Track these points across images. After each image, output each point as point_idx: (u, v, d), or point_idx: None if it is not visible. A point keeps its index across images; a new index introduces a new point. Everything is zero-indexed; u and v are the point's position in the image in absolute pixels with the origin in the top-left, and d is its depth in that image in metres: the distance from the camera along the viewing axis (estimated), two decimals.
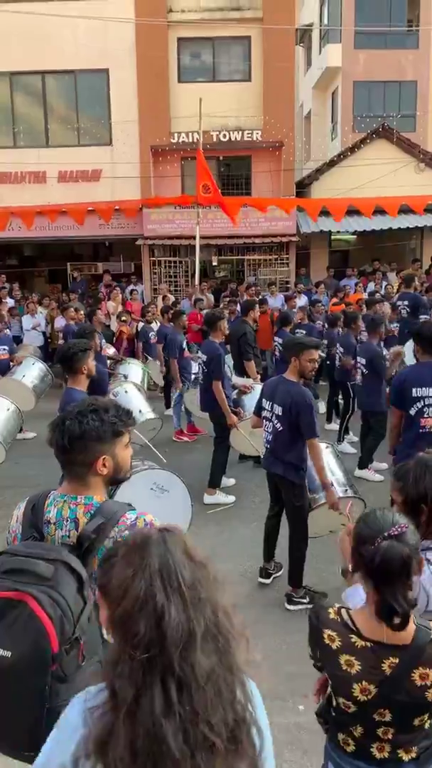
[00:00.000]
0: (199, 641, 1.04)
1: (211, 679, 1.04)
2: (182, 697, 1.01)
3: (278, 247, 15.36)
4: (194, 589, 1.07)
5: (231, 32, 15.00)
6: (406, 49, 19.04)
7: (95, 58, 14.67)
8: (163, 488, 4.11)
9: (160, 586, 1.05)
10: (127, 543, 1.17)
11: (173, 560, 1.08)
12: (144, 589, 1.05)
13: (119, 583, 1.09)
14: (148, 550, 1.10)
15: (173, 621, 1.03)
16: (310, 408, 3.96)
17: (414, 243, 17.34)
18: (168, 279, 15.29)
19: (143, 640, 1.02)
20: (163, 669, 1.02)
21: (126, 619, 1.05)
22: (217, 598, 1.10)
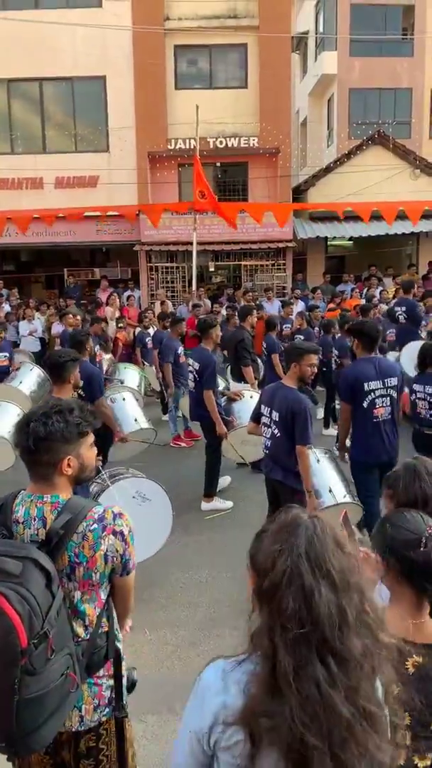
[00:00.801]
0: (353, 623, 1.10)
1: (366, 657, 1.11)
2: (342, 673, 1.08)
3: (275, 253, 15.42)
4: (343, 575, 1.12)
5: (227, 40, 15.11)
6: (401, 56, 19.19)
7: (93, 65, 14.75)
8: (145, 497, 4.12)
9: (308, 567, 1.10)
10: (278, 520, 1.22)
11: (322, 545, 1.13)
12: (290, 566, 1.11)
13: (266, 556, 1.15)
14: (297, 531, 1.15)
15: (323, 601, 1.08)
16: (305, 414, 3.97)
17: (410, 249, 17.44)
18: (165, 285, 15.32)
19: (294, 617, 1.08)
20: (321, 646, 1.08)
21: (274, 593, 1.11)
22: (363, 586, 1.15)
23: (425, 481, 1.97)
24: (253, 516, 5.41)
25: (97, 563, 1.87)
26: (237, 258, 15.62)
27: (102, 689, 1.94)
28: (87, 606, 1.90)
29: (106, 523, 1.90)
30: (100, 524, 1.89)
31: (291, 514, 1.21)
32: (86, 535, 1.87)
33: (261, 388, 5.97)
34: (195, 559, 4.86)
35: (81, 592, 1.89)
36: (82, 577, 1.88)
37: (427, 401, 4.83)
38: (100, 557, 1.87)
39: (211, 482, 5.88)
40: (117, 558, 1.91)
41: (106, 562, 1.89)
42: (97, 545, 1.87)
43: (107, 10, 14.52)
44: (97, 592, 1.92)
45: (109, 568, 1.91)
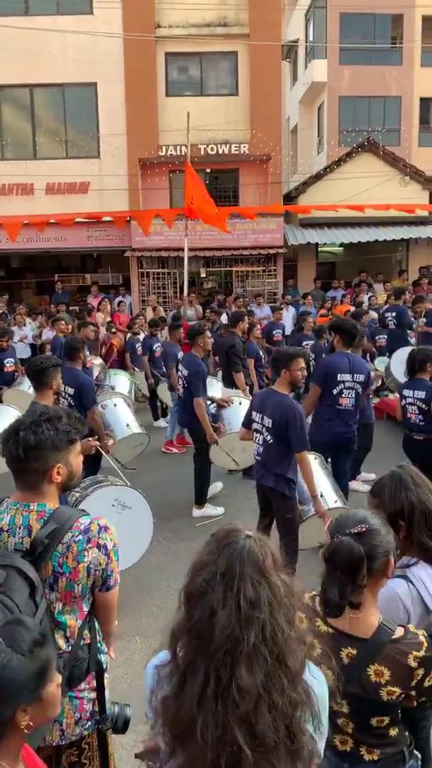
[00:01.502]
0: (244, 655, 1.09)
1: (251, 694, 1.08)
2: (218, 698, 1.07)
3: (266, 259, 15.47)
4: (252, 606, 1.11)
5: (218, 47, 15.20)
6: (390, 65, 19.38)
7: (84, 71, 14.78)
8: (125, 505, 4.06)
9: (221, 586, 1.12)
10: (222, 533, 1.23)
11: (241, 569, 1.14)
12: (207, 580, 1.14)
13: (195, 564, 1.19)
14: (225, 550, 1.17)
15: (221, 623, 1.09)
16: (300, 420, 3.98)
17: (400, 255, 17.57)
18: (156, 290, 15.32)
19: (196, 626, 1.12)
20: (208, 661, 1.10)
21: (189, 600, 1.16)
22: (276, 625, 1.12)
23: (411, 490, 1.97)
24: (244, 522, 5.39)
25: (79, 575, 1.86)
26: (228, 264, 15.66)
27: (83, 702, 1.91)
28: (68, 617, 1.88)
29: (91, 535, 1.88)
30: (85, 536, 1.88)
31: (229, 528, 1.22)
32: (71, 546, 1.85)
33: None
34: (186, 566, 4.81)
35: (62, 603, 1.87)
36: (65, 588, 1.86)
37: (416, 406, 4.86)
38: (83, 569, 1.86)
39: (201, 489, 5.87)
40: (99, 571, 1.89)
41: (88, 575, 1.87)
42: (80, 557, 1.85)
43: (98, 17, 14.58)
44: (79, 604, 1.90)
45: (91, 581, 1.89)
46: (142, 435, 6.13)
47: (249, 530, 1.22)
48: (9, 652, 1.29)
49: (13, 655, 1.30)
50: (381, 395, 8.97)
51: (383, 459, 6.70)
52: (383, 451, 6.92)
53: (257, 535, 1.22)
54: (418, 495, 1.97)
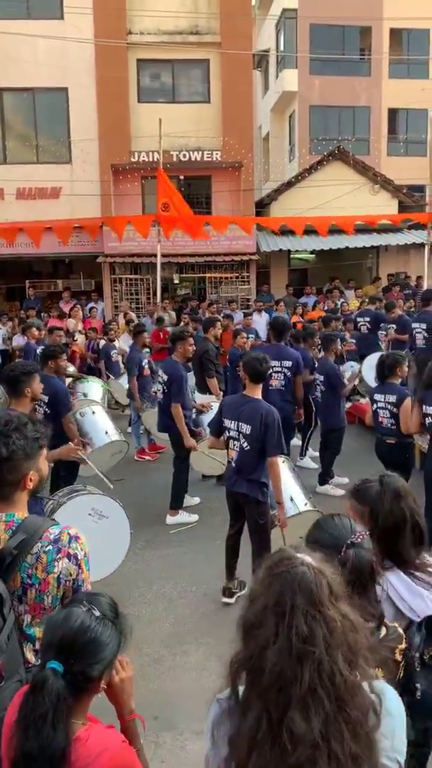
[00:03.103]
0: (297, 698, 1.00)
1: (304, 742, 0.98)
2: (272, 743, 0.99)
3: (239, 266, 15.55)
4: (307, 644, 1.02)
5: (190, 55, 15.28)
6: (360, 76, 19.77)
7: (54, 76, 14.68)
8: (102, 514, 4.02)
9: (271, 620, 1.04)
10: (275, 559, 1.14)
11: (293, 603, 1.04)
12: (256, 613, 1.07)
13: (250, 594, 1.12)
14: (276, 580, 1.07)
15: (271, 659, 1.02)
16: (278, 425, 3.99)
17: (370, 262, 17.85)
18: (129, 297, 15.25)
19: (250, 660, 1.06)
20: (261, 701, 1.02)
21: (242, 630, 1.10)
22: (339, 661, 1.03)
23: (403, 501, 1.94)
24: (218, 529, 5.36)
25: (49, 586, 1.82)
26: (201, 270, 15.69)
27: None
28: (37, 630, 1.84)
29: (61, 545, 1.86)
30: (55, 546, 1.84)
31: (282, 556, 1.12)
32: (40, 557, 1.82)
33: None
34: (160, 574, 4.79)
35: (31, 615, 1.84)
36: (34, 600, 1.82)
37: (387, 410, 4.92)
38: (53, 580, 1.82)
39: (177, 495, 5.83)
40: (69, 582, 1.86)
41: (58, 585, 1.84)
42: (50, 567, 1.82)
43: (69, 22, 14.50)
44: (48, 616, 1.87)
45: (62, 591, 1.86)
46: (121, 442, 6.07)
47: (305, 557, 1.12)
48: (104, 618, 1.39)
49: (107, 621, 1.39)
50: (353, 399, 9.07)
51: (355, 462, 6.78)
52: (355, 455, 7.00)
53: (314, 563, 1.11)
54: (411, 507, 1.94)
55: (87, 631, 1.34)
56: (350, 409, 8.52)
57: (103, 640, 1.36)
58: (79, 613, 1.37)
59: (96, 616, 1.38)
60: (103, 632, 1.36)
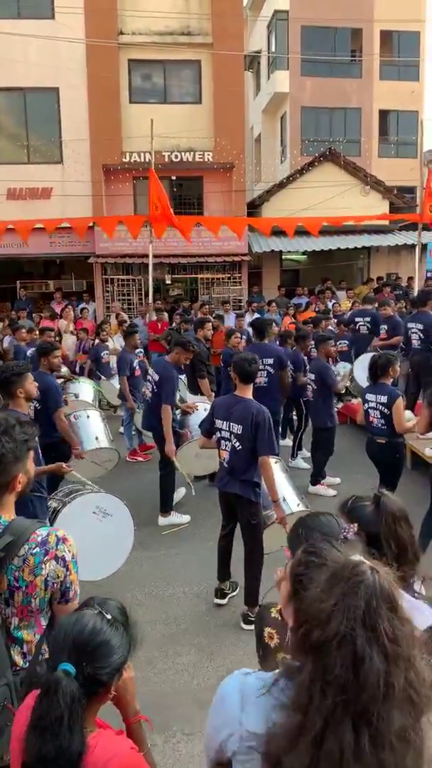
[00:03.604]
0: (397, 698, 1.01)
1: (404, 738, 1.01)
2: (373, 748, 0.99)
3: (231, 266, 15.56)
4: (396, 644, 1.03)
5: (181, 56, 15.28)
6: (351, 78, 19.85)
7: (46, 76, 14.63)
8: (106, 512, 4.07)
9: (362, 633, 1.01)
10: (337, 566, 1.11)
11: (380, 610, 1.04)
12: (346, 630, 1.02)
13: (318, 607, 1.06)
14: (357, 590, 1.05)
15: (373, 671, 1.00)
16: (270, 425, 3.99)
17: (362, 263, 17.93)
18: (121, 297, 15.22)
19: (339, 681, 1.01)
20: (358, 715, 1.00)
21: (322, 651, 1.03)
22: (414, 656, 1.05)
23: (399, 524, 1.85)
24: (211, 531, 5.36)
25: (36, 588, 1.81)
26: (194, 271, 15.68)
27: None
28: (25, 633, 1.83)
29: (48, 547, 1.84)
30: (42, 548, 1.83)
31: (353, 565, 1.10)
32: (27, 559, 1.81)
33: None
34: (152, 575, 4.78)
35: (19, 618, 1.82)
36: (21, 603, 1.81)
37: (378, 411, 4.93)
38: (41, 582, 1.81)
39: (166, 497, 5.82)
40: (57, 584, 1.85)
41: (46, 588, 1.83)
42: (37, 570, 1.81)
43: (60, 22, 14.46)
44: (36, 619, 1.85)
45: (49, 594, 1.85)
46: (111, 450, 6.00)
47: (369, 563, 1.11)
48: (115, 622, 1.38)
49: (119, 625, 1.39)
50: (344, 400, 9.09)
51: (347, 463, 6.80)
52: (347, 455, 7.01)
53: (380, 568, 1.10)
54: (408, 531, 1.87)
55: (99, 634, 1.34)
56: (342, 410, 8.54)
57: (114, 644, 1.35)
58: (91, 616, 1.37)
59: (108, 619, 1.37)
60: (114, 636, 1.36)
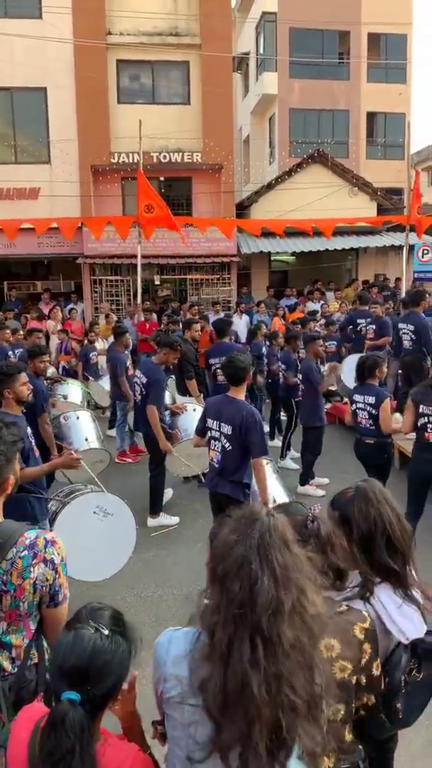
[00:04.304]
0: (286, 614, 1.21)
1: (294, 648, 1.21)
2: (267, 656, 1.19)
3: (220, 267, 15.56)
4: (286, 570, 1.24)
5: (170, 56, 15.26)
6: (339, 80, 19.94)
7: (33, 76, 14.55)
8: (107, 511, 4.06)
9: (257, 557, 1.23)
10: (239, 513, 1.33)
11: (271, 541, 1.25)
12: (242, 555, 1.23)
13: (223, 544, 1.28)
14: (253, 525, 1.27)
15: (264, 588, 1.20)
16: (260, 426, 3.99)
17: (350, 264, 18.01)
18: (109, 298, 15.17)
19: (237, 598, 1.21)
20: (253, 627, 1.19)
21: (225, 577, 1.24)
22: (304, 585, 1.26)
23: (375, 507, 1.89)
24: (200, 532, 5.37)
25: (25, 592, 1.80)
26: (182, 272, 15.67)
27: None
28: (13, 637, 1.81)
29: (37, 550, 1.83)
30: (30, 551, 1.82)
31: (251, 509, 1.33)
32: (15, 562, 1.79)
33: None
34: (141, 577, 4.76)
35: (7, 622, 1.81)
36: (9, 607, 1.80)
37: (366, 411, 4.95)
38: (29, 586, 1.80)
39: (156, 498, 5.80)
40: (45, 587, 1.84)
41: (34, 591, 1.81)
42: (26, 573, 1.79)
43: (47, 21, 14.38)
44: (25, 623, 1.84)
45: (38, 597, 1.83)
46: (101, 451, 5.98)
47: (269, 511, 1.33)
48: (114, 635, 1.35)
49: (117, 636, 1.36)
50: (333, 400, 9.12)
51: (336, 463, 6.83)
52: (335, 455, 7.04)
53: (276, 513, 1.33)
54: (381, 512, 1.90)
55: (100, 654, 1.29)
56: (330, 410, 8.58)
57: (117, 659, 1.32)
58: (89, 637, 1.31)
59: (105, 635, 1.32)
60: (116, 651, 1.32)
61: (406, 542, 1.89)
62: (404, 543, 1.88)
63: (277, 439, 8.11)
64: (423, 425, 4.45)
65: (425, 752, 2.87)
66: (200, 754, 1.23)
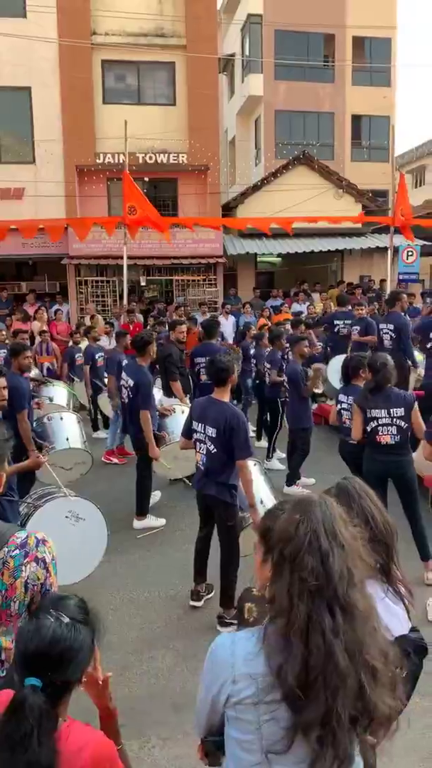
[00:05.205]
0: (358, 582, 1.28)
1: (369, 615, 1.28)
2: (347, 624, 1.24)
3: (206, 268, 15.56)
4: (349, 543, 1.31)
5: (155, 57, 15.25)
6: (324, 82, 20.05)
7: (17, 75, 14.45)
8: (79, 516, 4.05)
9: (323, 533, 1.29)
10: (293, 500, 1.41)
11: (333, 517, 1.33)
12: (311, 532, 1.29)
13: (287, 525, 1.32)
14: (312, 506, 1.34)
15: (337, 561, 1.27)
16: (244, 428, 3.99)
17: (335, 265, 18.12)
18: (95, 299, 15.10)
19: (312, 573, 1.25)
20: (330, 598, 1.24)
21: (296, 555, 1.28)
22: (364, 555, 1.34)
23: (356, 502, 1.93)
24: (187, 533, 5.36)
25: (16, 591, 1.79)
26: (168, 273, 15.65)
27: None
28: (3, 639, 1.80)
29: (28, 549, 1.83)
30: (22, 550, 1.82)
31: (304, 495, 1.41)
32: (7, 562, 1.79)
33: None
34: (127, 579, 4.74)
35: None
36: (0, 607, 1.79)
37: (350, 412, 4.98)
38: (21, 585, 1.79)
39: (143, 500, 5.78)
40: (37, 586, 1.84)
41: (26, 591, 1.81)
42: (17, 572, 1.79)
43: (32, 21, 14.30)
44: (15, 624, 1.83)
45: (29, 597, 1.83)
46: (82, 452, 5.94)
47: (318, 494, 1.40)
48: (74, 623, 1.39)
49: (78, 624, 1.40)
50: (319, 401, 9.17)
51: (322, 463, 6.86)
52: (322, 455, 7.07)
53: (325, 496, 1.40)
54: (362, 507, 1.93)
55: (59, 642, 1.33)
56: (316, 411, 8.61)
57: (76, 647, 1.35)
58: (48, 625, 1.35)
59: (65, 623, 1.36)
60: (75, 638, 1.36)
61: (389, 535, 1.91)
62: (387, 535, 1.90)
63: (264, 440, 8.13)
64: (374, 429, 4.41)
65: (407, 752, 2.90)
66: (283, 743, 1.24)
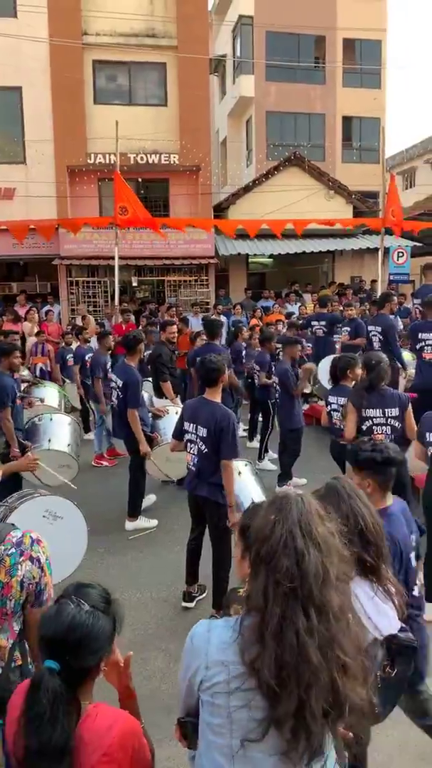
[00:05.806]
0: (333, 581, 1.28)
1: (342, 612, 1.29)
2: (321, 623, 1.25)
3: (197, 269, 15.57)
4: (326, 541, 1.31)
5: (146, 58, 15.24)
6: (315, 83, 20.13)
7: (7, 75, 14.38)
8: (56, 515, 3.99)
9: (299, 533, 1.28)
10: (270, 499, 1.41)
11: (309, 515, 1.32)
12: (286, 533, 1.28)
13: (263, 525, 1.32)
14: (289, 505, 1.32)
15: (312, 561, 1.26)
16: (233, 429, 4.00)
17: (326, 266, 18.19)
18: (86, 299, 15.06)
19: (288, 574, 1.25)
20: (305, 598, 1.25)
21: (272, 556, 1.28)
22: (341, 550, 1.34)
23: (345, 502, 1.95)
24: (178, 534, 5.36)
25: (12, 589, 1.81)
26: (160, 273, 15.64)
27: None
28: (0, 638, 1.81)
29: (24, 548, 1.85)
30: (17, 549, 1.84)
31: (281, 492, 1.39)
32: (3, 560, 1.81)
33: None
34: (119, 581, 4.74)
35: None
36: None
37: (340, 412, 5.01)
38: (16, 583, 1.81)
39: (135, 501, 5.78)
40: (32, 585, 1.85)
41: (21, 589, 1.83)
42: (13, 570, 1.81)
43: (22, 20, 14.24)
44: (9, 623, 1.84)
45: (24, 596, 1.84)
46: (66, 456, 5.84)
47: (295, 491, 1.40)
48: (94, 611, 1.42)
49: (98, 612, 1.42)
50: (310, 401, 9.21)
51: (313, 463, 6.88)
52: (313, 456, 7.10)
53: (305, 494, 1.39)
54: (352, 507, 1.96)
55: (78, 628, 1.36)
56: (307, 411, 8.65)
57: (94, 633, 1.38)
58: (69, 610, 1.39)
59: (86, 610, 1.40)
60: (95, 625, 1.39)
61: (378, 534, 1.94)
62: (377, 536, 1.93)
63: (255, 441, 8.15)
64: (368, 428, 4.40)
65: (401, 750, 2.92)
66: (257, 732, 1.26)
